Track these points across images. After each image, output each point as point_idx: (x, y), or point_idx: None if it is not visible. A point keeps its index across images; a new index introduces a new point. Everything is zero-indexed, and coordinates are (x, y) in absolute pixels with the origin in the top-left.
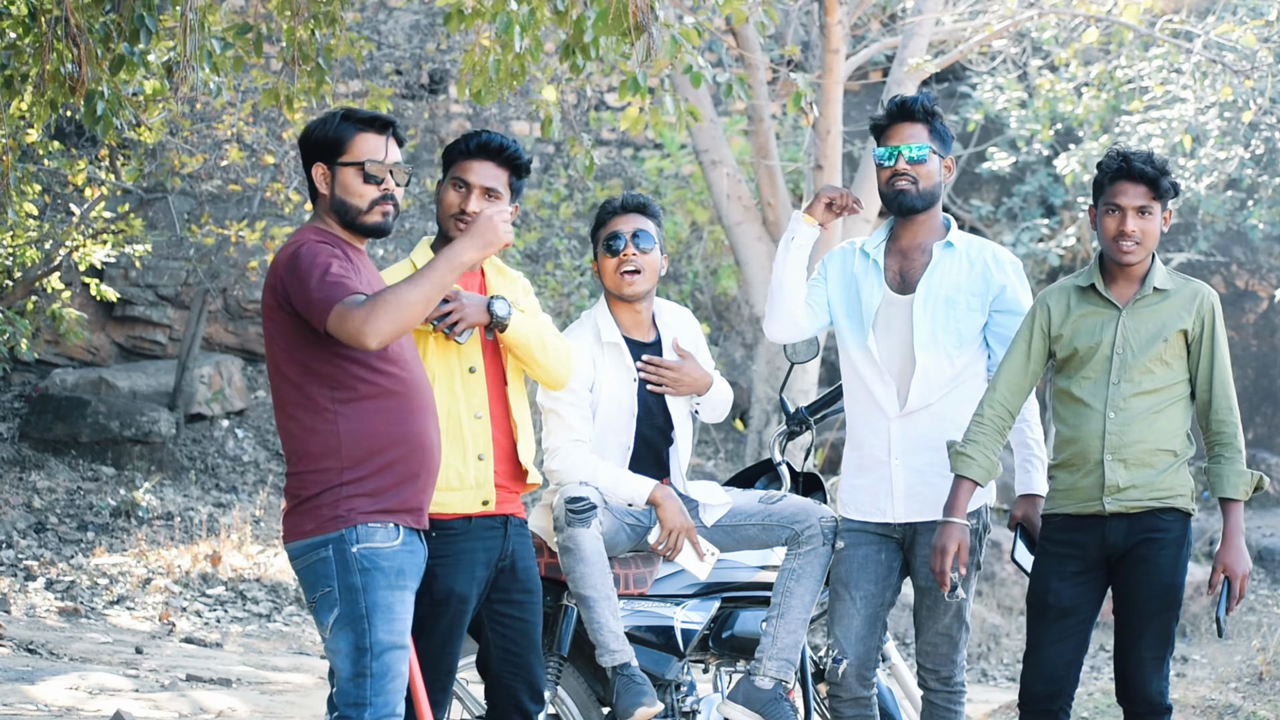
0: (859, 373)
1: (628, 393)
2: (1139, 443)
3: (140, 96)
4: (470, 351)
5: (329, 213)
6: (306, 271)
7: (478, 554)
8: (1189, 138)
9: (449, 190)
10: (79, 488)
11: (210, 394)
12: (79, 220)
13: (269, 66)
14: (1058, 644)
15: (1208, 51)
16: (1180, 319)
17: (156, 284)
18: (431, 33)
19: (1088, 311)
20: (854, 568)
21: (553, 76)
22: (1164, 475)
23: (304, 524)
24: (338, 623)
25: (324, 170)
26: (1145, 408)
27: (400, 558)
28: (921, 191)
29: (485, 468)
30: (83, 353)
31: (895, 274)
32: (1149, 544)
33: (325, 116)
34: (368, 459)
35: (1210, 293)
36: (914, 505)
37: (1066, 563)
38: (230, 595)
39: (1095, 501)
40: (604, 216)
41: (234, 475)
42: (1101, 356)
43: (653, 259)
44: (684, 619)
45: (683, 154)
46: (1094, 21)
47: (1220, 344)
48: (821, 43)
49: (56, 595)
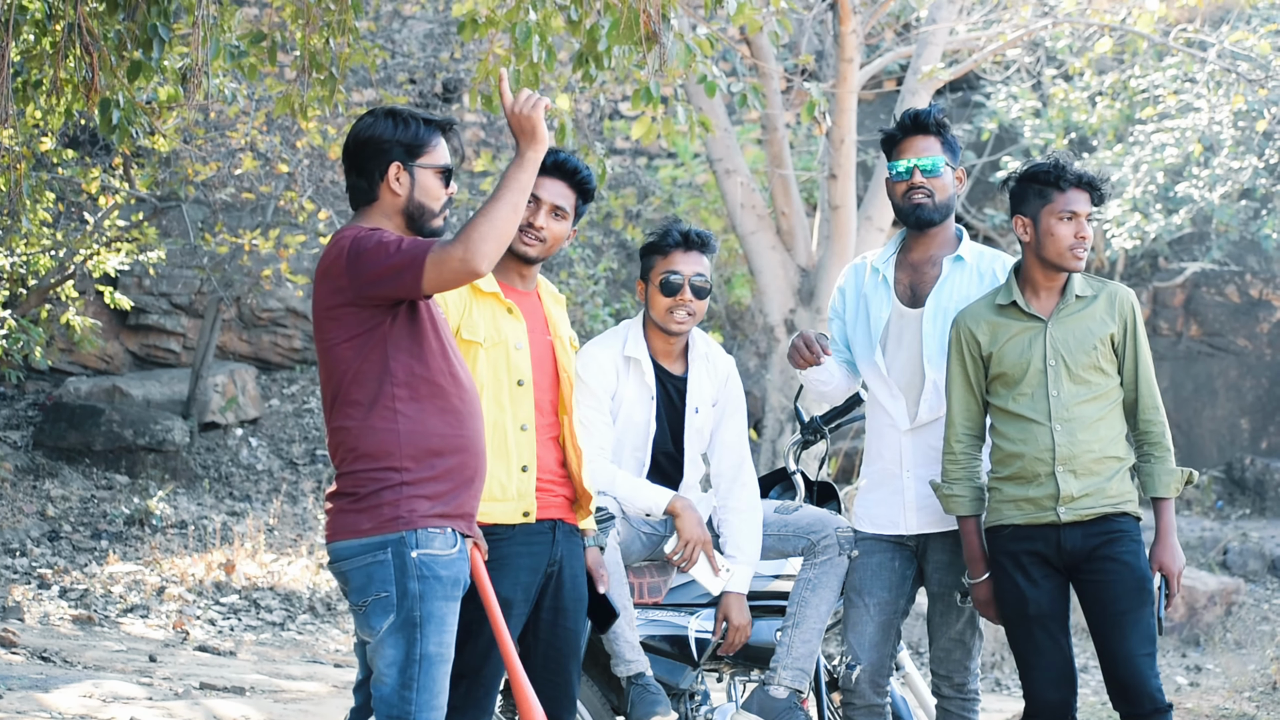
0: (872, 387)
1: (645, 411)
2: (1087, 451)
3: (155, 103)
4: (520, 364)
5: (398, 214)
6: (377, 249)
7: (523, 559)
8: (1202, 147)
9: None
10: (93, 496)
11: (224, 402)
12: (93, 228)
13: (283, 75)
14: (1056, 647)
15: (1222, 60)
16: (1105, 324)
17: (170, 292)
18: (446, 41)
19: (1013, 329)
20: (867, 575)
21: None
22: (1112, 481)
23: (360, 522)
24: (391, 629)
25: (401, 170)
26: (1089, 416)
27: (456, 566)
28: (938, 204)
29: (528, 479)
30: (96, 361)
31: (905, 287)
32: (1109, 543)
33: (389, 115)
34: (428, 461)
35: (1128, 293)
36: (925, 517)
37: (1030, 569)
38: (244, 604)
39: (1049, 512)
40: (665, 246)
41: (248, 484)
42: (1035, 371)
43: (705, 302)
44: (698, 628)
45: (696, 163)
46: (1108, 31)
47: (1142, 343)
48: (835, 52)
49: (70, 603)
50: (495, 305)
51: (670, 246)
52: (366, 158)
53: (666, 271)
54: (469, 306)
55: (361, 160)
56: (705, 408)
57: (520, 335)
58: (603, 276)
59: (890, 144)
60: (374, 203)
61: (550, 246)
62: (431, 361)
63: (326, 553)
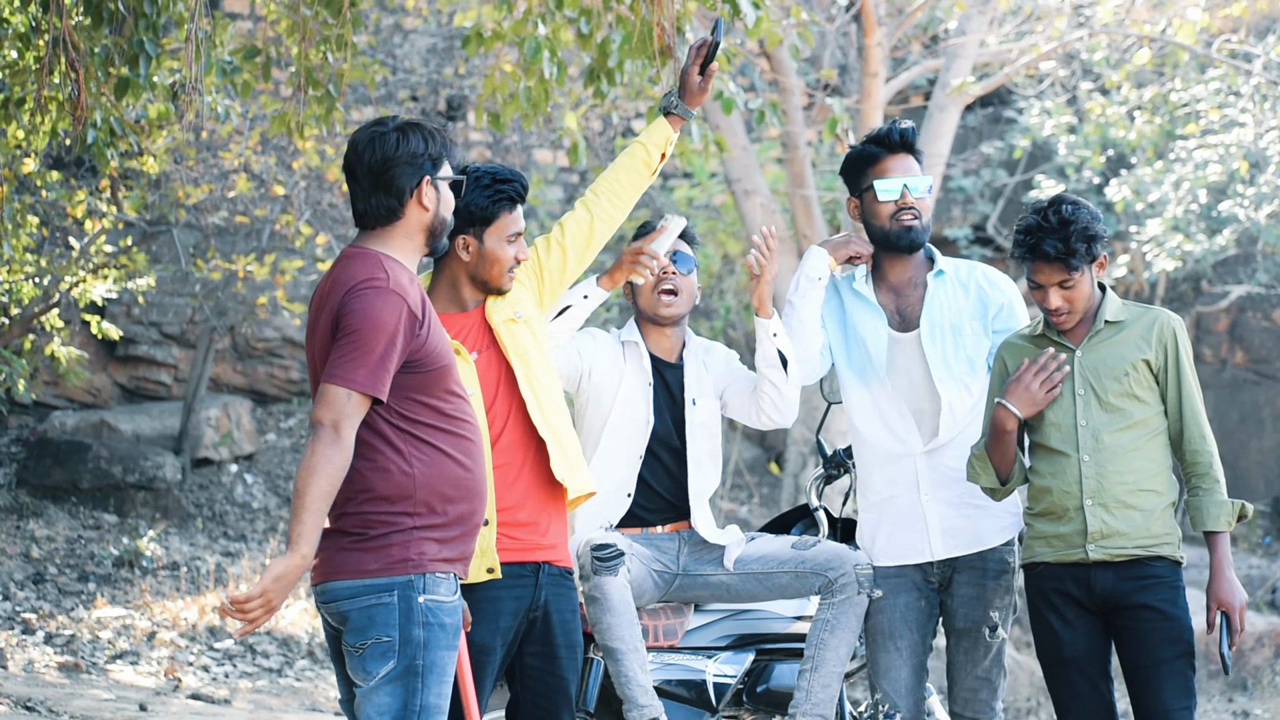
0: (876, 413)
1: (642, 398)
2: (1119, 484)
3: (144, 121)
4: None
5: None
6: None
7: (503, 604)
8: (1247, 164)
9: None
10: (80, 536)
11: (218, 437)
12: (79, 254)
13: (278, 93)
14: (1094, 692)
15: (1268, 73)
16: (1139, 349)
17: (160, 321)
18: (449, 56)
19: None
20: (895, 617)
21: (576, 102)
22: (1151, 520)
23: (366, 561)
24: (389, 676)
25: (429, 184)
26: (1121, 446)
27: (456, 614)
28: (925, 225)
29: (489, 533)
30: (83, 394)
31: (893, 312)
32: (1143, 590)
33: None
34: (441, 505)
35: (1171, 320)
36: (951, 540)
37: (1063, 609)
38: (239, 649)
39: (1078, 549)
40: (643, 234)
41: (243, 522)
42: (1064, 401)
43: (691, 282)
44: (716, 672)
45: (714, 183)
46: (1147, 42)
47: (1186, 370)
48: (860, 66)
49: (56, 649)
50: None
51: (646, 235)
52: (399, 174)
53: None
54: None
55: (392, 177)
56: (704, 400)
57: (470, 379)
58: (615, 302)
59: (868, 162)
60: (397, 222)
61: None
62: (443, 400)
63: (317, 591)
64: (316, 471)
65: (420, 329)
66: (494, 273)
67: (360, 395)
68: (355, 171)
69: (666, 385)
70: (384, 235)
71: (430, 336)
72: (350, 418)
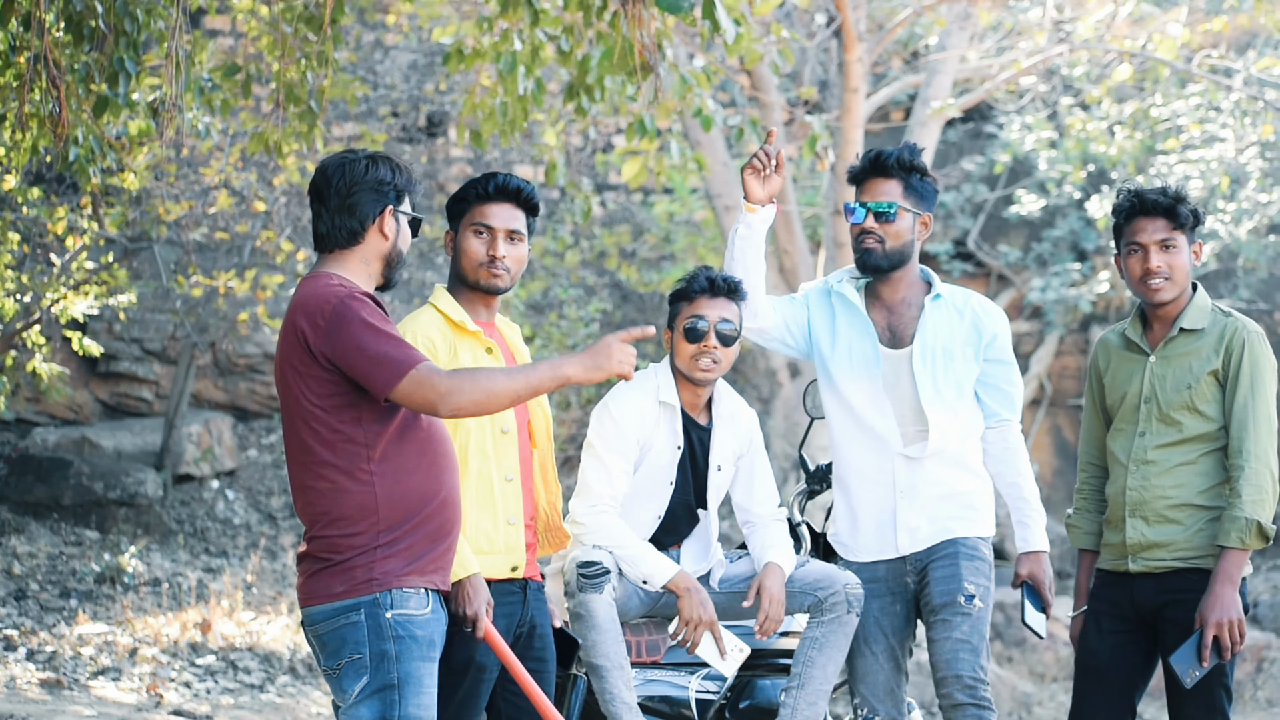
0: (857, 413)
1: (669, 460)
2: (1160, 499)
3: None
4: (504, 413)
5: (379, 259)
6: (366, 328)
7: (498, 620)
8: (1228, 179)
9: (470, 237)
10: (61, 553)
11: (199, 453)
12: (60, 271)
13: (259, 109)
14: (1094, 704)
15: (1248, 88)
16: (1209, 360)
17: (142, 338)
18: (430, 73)
19: (1124, 359)
20: (869, 622)
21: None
22: (1193, 534)
23: (333, 585)
24: (364, 692)
25: (392, 215)
26: (1170, 460)
27: (431, 626)
28: (888, 251)
29: (516, 532)
30: (64, 411)
31: (884, 328)
32: (1177, 605)
33: (380, 160)
34: (404, 521)
35: (1245, 329)
36: (917, 536)
37: (1104, 620)
38: (221, 665)
39: (1122, 560)
40: (690, 292)
41: (224, 539)
42: (1129, 407)
43: (733, 350)
44: (699, 688)
45: (694, 198)
46: (1128, 57)
47: (1244, 380)
48: (840, 81)
49: (38, 666)
50: (476, 345)
51: (696, 292)
52: (363, 199)
53: (692, 316)
54: (454, 347)
55: (356, 202)
56: (727, 465)
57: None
58: (595, 318)
59: (854, 184)
60: (355, 246)
61: (515, 274)
62: (405, 417)
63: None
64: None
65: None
66: (465, 266)
67: (421, 365)
68: (322, 193)
69: (692, 447)
70: (342, 258)
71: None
72: (430, 381)
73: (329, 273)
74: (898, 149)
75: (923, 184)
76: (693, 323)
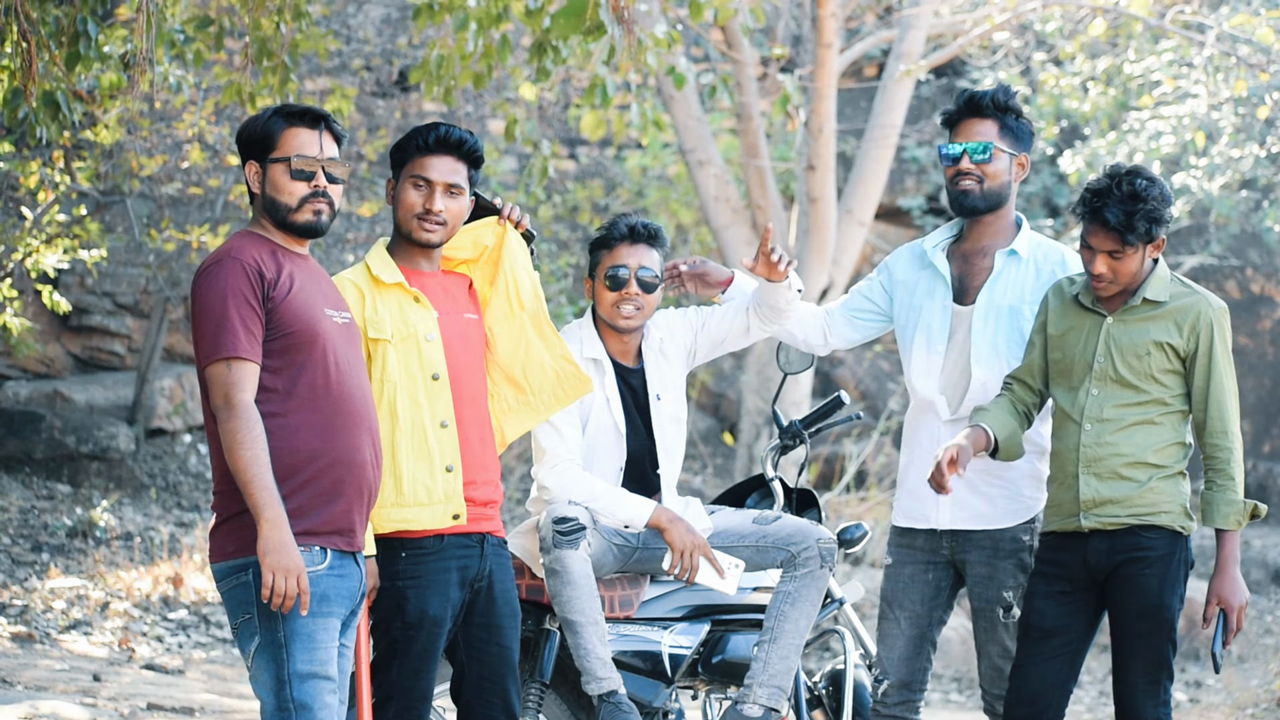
0: (918, 375)
1: (610, 414)
2: (1114, 455)
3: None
4: (433, 357)
5: (262, 213)
6: (206, 306)
7: (451, 574)
8: (1201, 135)
9: (408, 189)
10: (33, 507)
11: (171, 408)
12: (31, 225)
13: (232, 63)
14: (1039, 665)
15: (1221, 44)
16: (1168, 333)
17: (114, 292)
18: (403, 27)
19: (1078, 315)
20: (899, 586)
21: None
22: (1144, 490)
23: (226, 545)
24: (259, 651)
25: (256, 168)
26: (1127, 420)
27: (325, 583)
28: (986, 191)
29: (454, 479)
30: (36, 365)
31: (955, 280)
32: (1132, 563)
33: (258, 113)
34: (288, 478)
35: (1211, 307)
36: (959, 512)
37: (1052, 582)
38: (193, 619)
39: (1074, 518)
40: (610, 240)
41: (196, 493)
42: (1083, 365)
43: (654, 297)
44: (672, 643)
45: (667, 153)
46: (1101, 13)
47: (1218, 362)
48: (814, 37)
49: (9, 620)
50: (400, 295)
51: (616, 240)
52: (240, 157)
53: (612, 265)
54: (372, 301)
55: (241, 159)
56: (669, 392)
57: (430, 325)
58: (567, 272)
59: (949, 125)
60: (254, 200)
61: (451, 229)
62: (291, 373)
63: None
64: (233, 450)
65: (272, 287)
66: (400, 217)
67: (232, 361)
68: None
69: (631, 389)
70: (254, 214)
71: (287, 300)
72: (236, 385)
73: (242, 232)
74: (992, 90)
75: (1018, 124)
76: (614, 270)
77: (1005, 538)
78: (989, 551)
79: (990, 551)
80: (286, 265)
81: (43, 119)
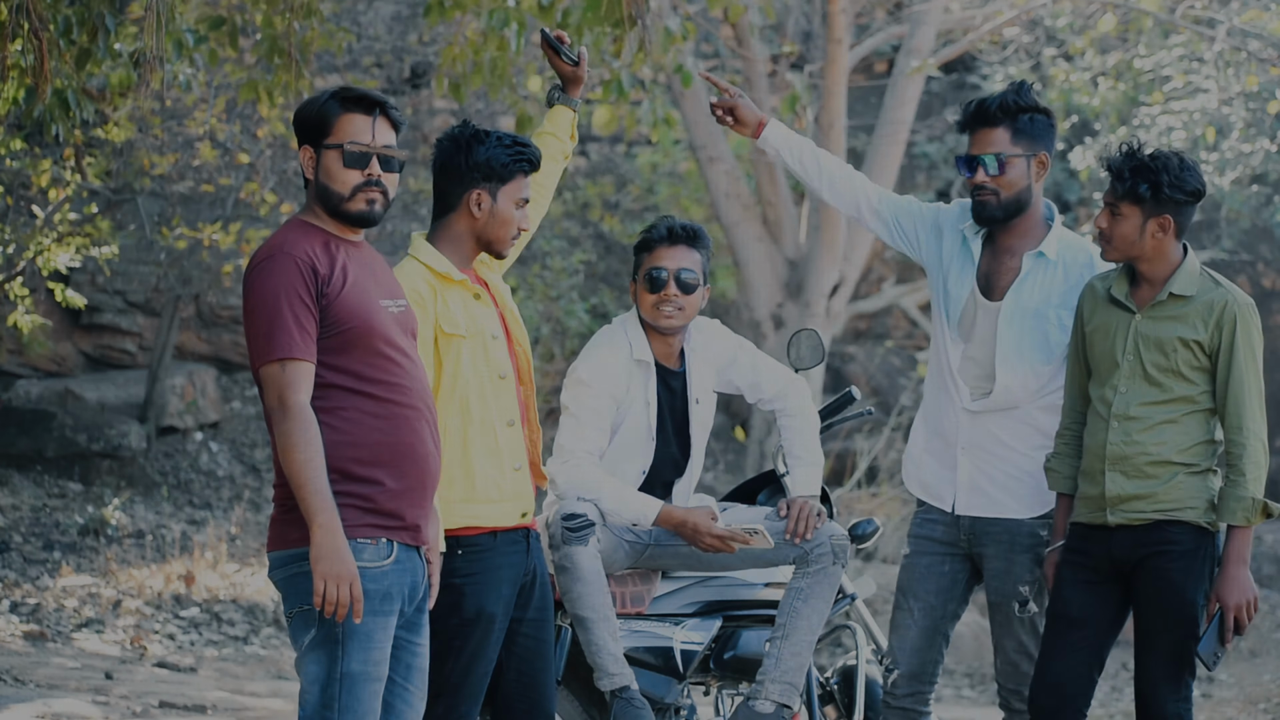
0: (939, 355)
1: (648, 416)
2: (1141, 454)
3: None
4: (498, 356)
5: (315, 200)
6: (258, 303)
7: (504, 570)
8: (1212, 130)
9: (508, 205)
10: (45, 505)
11: (183, 405)
12: (43, 223)
13: (243, 61)
14: (1065, 656)
15: (1231, 39)
16: (1193, 329)
17: (125, 290)
18: (414, 24)
19: (1108, 312)
20: (914, 576)
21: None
22: (1169, 486)
23: (289, 532)
24: (312, 644)
25: (310, 153)
26: (1155, 418)
27: (389, 579)
28: (1004, 202)
29: (523, 478)
30: (48, 363)
31: (983, 274)
32: (1157, 557)
33: (315, 95)
34: (358, 471)
35: (1236, 302)
36: (975, 500)
37: (1079, 571)
38: (205, 617)
39: (1100, 512)
40: (650, 242)
41: (208, 491)
42: (1111, 361)
43: (695, 298)
44: (684, 639)
45: (678, 149)
46: (1111, 8)
47: (1239, 357)
48: (824, 32)
49: (21, 618)
50: (464, 292)
51: (656, 241)
52: (297, 141)
53: (652, 267)
54: (442, 297)
55: (298, 145)
56: (706, 396)
57: (494, 323)
58: (579, 269)
59: (963, 132)
60: (308, 186)
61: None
62: (363, 364)
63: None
64: (287, 452)
65: (325, 283)
66: (501, 234)
67: (287, 362)
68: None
69: (670, 390)
70: (308, 202)
71: (341, 296)
72: (290, 386)
73: (294, 220)
74: (1001, 93)
75: (1033, 123)
76: (653, 272)
77: (1022, 531)
78: (1006, 545)
79: (1007, 545)
80: (340, 257)
81: (56, 116)
